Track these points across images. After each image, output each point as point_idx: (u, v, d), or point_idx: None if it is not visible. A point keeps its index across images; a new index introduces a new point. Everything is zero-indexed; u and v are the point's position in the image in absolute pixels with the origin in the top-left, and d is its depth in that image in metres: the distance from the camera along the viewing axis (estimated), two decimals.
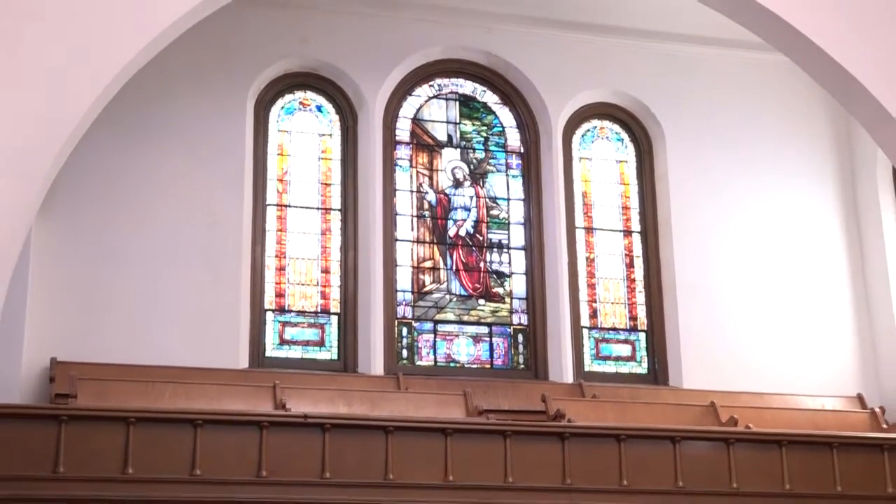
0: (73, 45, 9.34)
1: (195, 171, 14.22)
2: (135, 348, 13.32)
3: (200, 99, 14.40)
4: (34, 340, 13.02)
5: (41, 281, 13.22)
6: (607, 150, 16.03)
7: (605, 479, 11.22)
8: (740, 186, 15.76)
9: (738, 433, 12.02)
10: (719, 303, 15.35)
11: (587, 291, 15.36)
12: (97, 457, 10.17)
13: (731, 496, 11.44)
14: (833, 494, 11.66)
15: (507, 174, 15.59)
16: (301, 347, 14.41)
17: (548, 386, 14.31)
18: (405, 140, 15.39)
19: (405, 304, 14.84)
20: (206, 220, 14.10)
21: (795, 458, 11.69)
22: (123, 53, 9.50)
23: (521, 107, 15.70)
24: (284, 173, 14.91)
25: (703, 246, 15.51)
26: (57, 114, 9.27)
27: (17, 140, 9.07)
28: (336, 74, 15.14)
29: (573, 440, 11.24)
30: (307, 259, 14.69)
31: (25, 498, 9.84)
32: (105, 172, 13.86)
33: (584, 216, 15.63)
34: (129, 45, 9.51)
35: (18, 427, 10.03)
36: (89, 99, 9.41)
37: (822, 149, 16.21)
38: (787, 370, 15.16)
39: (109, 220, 13.81)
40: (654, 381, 15.15)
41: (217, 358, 13.55)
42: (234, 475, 10.41)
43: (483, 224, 15.38)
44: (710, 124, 15.88)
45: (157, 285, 13.75)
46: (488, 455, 11.03)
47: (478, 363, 14.88)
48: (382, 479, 10.70)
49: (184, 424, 10.44)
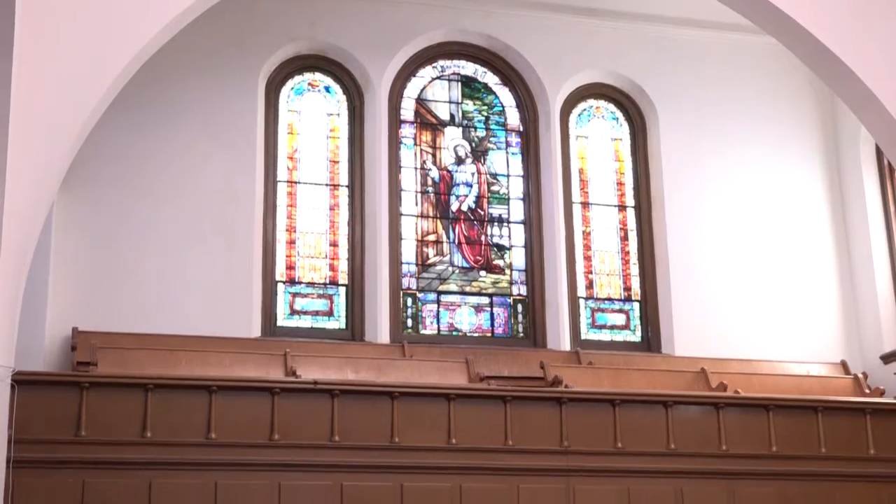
0: (94, 27, 9.45)
1: (209, 149, 14.30)
2: (153, 318, 13.44)
3: (214, 80, 14.48)
4: (56, 311, 13.12)
5: (63, 254, 13.32)
6: (603, 128, 16.09)
7: (600, 442, 11.45)
8: (730, 163, 15.84)
9: (728, 398, 12.18)
10: (710, 274, 15.42)
11: (583, 263, 15.44)
12: (117, 421, 10.39)
13: (720, 458, 11.67)
14: (818, 456, 11.92)
15: (507, 152, 15.68)
16: (311, 317, 14.51)
17: (546, 353, 14.41)
18: (409, 119, 15.47)
19: (410, 276, 14.94)
20: (220, 196, 14.17)
21: (782, 422, 11.92)
22: (141, 36, 9.62)
23: (521, 87, 15.78)
24: (294, 151, 15.00)
25: (695, 220, 15.59)
26: (77, 93, 9.40)
27: (39, 119, 9.19)
28: (343, 57, 15.23)
29: (570, 405, 11.48)
30: (316, 233, 14.79)
31: (49, 460, 10.04)
32: (123, 150, 13.93)
33: (581, 192, 15.72)
34: (146, 27, 9.64)
35: (42, 393, 10.22)
36: (108, 79, 9.54)
37: (808, 127, 16.26)
38: (774, 338, 15.29)
39: (127, 195, 13.89)
40: (647, 348, 15.24)
41: (231, 327, 13.67)
42: (247, 438, 10.63)
43: (484, 199, 15.47)
44: (702, 104, 15.94)
45: (174, 258, 13.84)
46: (489, 419, 11.26)
47: (479, 332, 15.00)
48: (388, 443, 10.93)
49: (199, 390, 10.67)
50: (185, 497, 10.34)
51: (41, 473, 9.96)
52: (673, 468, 11.54)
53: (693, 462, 11.61)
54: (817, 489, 11.82)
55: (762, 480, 11.74)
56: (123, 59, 9.68)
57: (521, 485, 11.14)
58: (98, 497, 10.11)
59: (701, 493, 11.53)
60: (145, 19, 9.65)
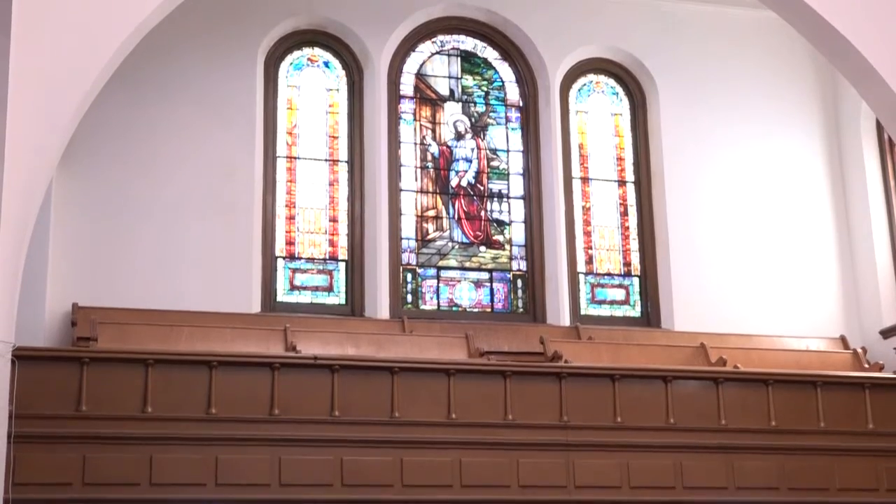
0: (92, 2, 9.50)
1: (208, 125, 14.27)
2: (153, 293, 13.44)
3: (213, 56, 14.43)
4: (56, 287, 13.13)
5: (62, 230, 13.32)
6: (603, 103, 16.05)
7: (599, 417, 11.48)
8: (730, 138, 15.81)
9: (727, 373, 12.22)
10: (709, 249, 15.42)
11: (583, 239, 15.44)
12: (118, 396, 10.41)
13: (719, 432, 11.69)
14: (817, 430, 11.94)
15: (506, 127, 15.64)
16: (310, 293, 14.50)
17: (546, 328, 14.44)
18: (409, 94, 15.43)
19: (409, 252, 14.94)
20: (220, 172, 14.15)
21: (781, 397, 11.94)
22: (139, 10, 9.67)
23: (520, 62, 15.73)
24: (293, 127, 14.97)
25: (694, 195, 15.57)
26: (75, 68, 9.44)
27: (37, 94, 9.22)
28: (342, 32, 15.17)
29: (570, 380, 11.51)
30: (316, 209, 14.78)
31: (50, 435, 10.07)
32: (122, 126, 13.91)
33: (581, 167, 15.70)
34: (144, 1, 9.68)
35: (43, 369, 10.25)
36: (107, 54, 9.58)
37: (808, 102, 16.23)
38: (773, 313, 15.29)
39: (127, 171, 13.88)
40: (646, 323, 15.25)
41: (231, 303, 13.68)
42: (247, 414, 10.66)
43: (484, 175, 15.44)
44: (702, 79, 15.90)
45: (174, 234, 13.84)
46: (489, 394, 11.28)
47: (479, 307, 15.00)
48: (388, 418, 10.96)
49: (200, 366, 10.70)
50: (186, 472, 10.36)
51: (42, 448, 9.98)
52: (672, 443, 11.57)
53: (692, 437, 11.64)
54: (816, 463, 11.84)
55: (761, 455, 11.76)
56: (122, 33, 9.71)
57: (521, 459, 11.16)
58: (99, 472, 10.15)
59: (700, 467, 11.56)
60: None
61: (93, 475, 10.13)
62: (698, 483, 11.54)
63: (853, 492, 11.88)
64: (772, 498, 11.76)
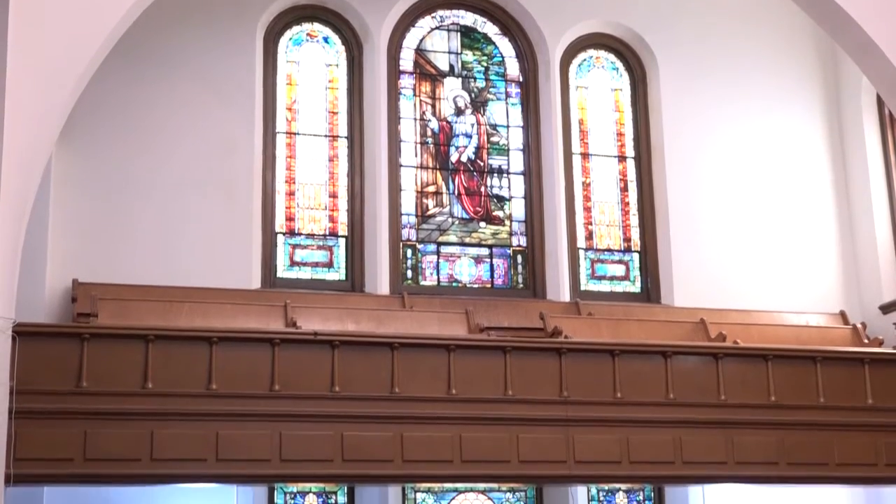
0: None
1: (208, 101, 14.24)
2: (153, 270, 13.45)
3: (212, 31, 14.39)
4: (56, 263, 13.12)
5: (62, 206, 13.30)
6: (603, 78, 16.04)
7: (599, 392, 11.51)
8: (730, 113, 15.81)
9: (727, 348, 12.26)
10: (709, 224, 15.44)
11: (583, 214, 15.45)
12: (118, 372, 10.44)
13: (719, 408, 11.74)
14: (816, 406, 11.98)
15: (506, 102, 15.63)
16: (310, 268, 14.51)
17: (546, 304, 14.47)
18: (409, 70, 15.41)
19: (409, 227, 14.95)
20: (220, 148, 14.13)
21: (781, 372, 11.98)
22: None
23: (520, 37, 15.70)
24: (293, 102, 14.95)
25: (694, 170, 15.57)
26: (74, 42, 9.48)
27: (36, 71, 9.27)
28: (342, 6, 15.13)
29: (570, 355, 11.54)
30: (316, 184, 14.77)
31: (51, 411, 10.10)
32: (121, 103, 13.88)
33: (581, 142, 15.69)
34: None
35: (43, 345, 10.26)
36: (106, 28, 9.63)
37: (809, 77, 16.22)
38: (773, 289, 15.33)
39: (127, 147, 13.85)
40: (646, 299, 15.28)
41: (231, 279, 13.67)
42: (247, 389, 10.69)
43: (484, 150, 15.43)
44: (702, 54, 15.88)
45: (174, 210, 13.83)
46: (489, 370, 11.31)
47: (479, 283, 15.02)
48: (389, 393, 10.99)
49: (200, 342, 10.72)
50: (186, 447, 10.40)
51: (43, 424, 10.01)
52: (672, 418, 11.61)
53: (692, 412, 11.69)
54: (816, 438, 11.89)
55: (761, 430, 11.80)
56: (121, 8, 9.76)
57: (521, 434, 11.21)
58: (100, 447, 10.18)
59: (700, 442, 11.60)
60: None
61: (94, 451, 10.17)
62: (698, 458, 11.59)
63: (852, 467, 11.96)
64: (771, 473, 11.84)
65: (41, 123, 9.36)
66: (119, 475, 10.40)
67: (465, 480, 12.73)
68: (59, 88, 9.44)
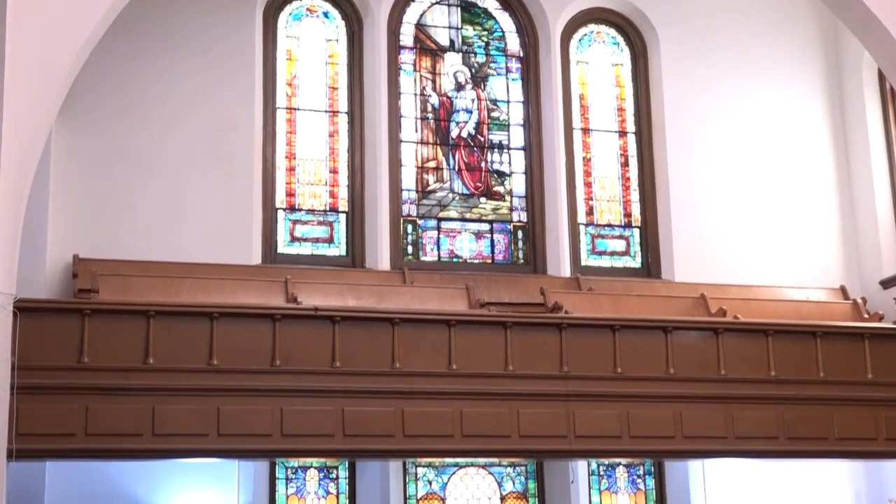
0: None
1: (208, 77, 14.21)
2: (154, 245, 13.45)
3: (212, 6, 14.34)
4: (57, 239, 13.12)
5: (62, 183, 13.29)
6: (603, 53, 16.01)
7: (600, 367, 11.56)
8: (731, 88, 15.79)
9: (727, 323, 12.29)
10: (710, 200, 15.45)
11: (584, 190, 15.46)
12: (119, 348, 10.46)
13: (719, 382, 11.78)
14: (816, 380, 12.02)
15: (507, 77, 15.61)
16: (311, 244, 14.52)
17: (546, 280, 14.50)
18: (409, 45, 15.37)
19: (410, 203, 14.95)
20: (220, 123, 14.10)
21: (781, 347, 12.01)
22: None
23: (521, 12, 15.66)
24: (293, 78, 14.92)
25: (695, 145, 15.57)
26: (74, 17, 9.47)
27: (36, 47, 9.25)
28: None
29: (570, 330, 11.56)
30: (316, 160, 14.75)
31: (53, 386, 10.14)
32: (122, 79, 13.86)
33: (581, 117, 15.69)
34: None
35: (45, 320, 10.27)
36: (104, 5, 9.61)
37: (810, 53, 16.20)
38: (773, 264, 15.34)
39: (127, 123, 13.83)
40: (647, 274, 15.30)
41: (232, 254, 13.67)
42: (248, 365, 10.71)
43: (484, 125, 15.41)
44: (704, 29, 15.85)
45: (174, 186, 13.81)
46: (490, 345, 11.33)
47: (479, 258, 15.02)
48: (389, 368, 11.02)
49: (201, 317, 10.74)
50: (188, 422, 10.42)
51: (44, 399, 10.04)
52: (672, 393, 11.64)
53: (692, 387, 11.72)
54: (815, 413, 11.93)
55: (761, 405, 11.84)
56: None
57: (522, 409, 11.24)
58: (101, 422, 10.21)
59: (700, 417, 11.64)
60: None
61: (95, 426, 10.20)
62: (698, 433, 11.64)
63: (852, 441, 12.01)
64: (771, 447, 11.88)
65: (41, 99, 9.35)
66: (121, 450, 10.41)
67: (465, 455, 12.70)
68: (58, 65, 9.43)
